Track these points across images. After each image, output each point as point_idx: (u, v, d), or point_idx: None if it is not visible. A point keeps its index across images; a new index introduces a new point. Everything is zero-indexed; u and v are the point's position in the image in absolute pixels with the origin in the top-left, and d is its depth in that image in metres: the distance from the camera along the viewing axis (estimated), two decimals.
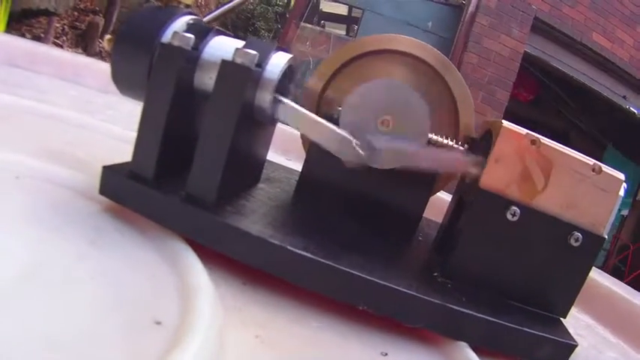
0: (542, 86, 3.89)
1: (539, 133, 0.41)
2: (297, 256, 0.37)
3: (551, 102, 4.02)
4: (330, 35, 3.98)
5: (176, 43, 0.38)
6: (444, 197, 0.60)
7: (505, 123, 0.40)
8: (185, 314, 0.30)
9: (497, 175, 0.40)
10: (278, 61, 0.40)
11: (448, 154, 0.45)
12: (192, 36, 0.38)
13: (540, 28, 3.36)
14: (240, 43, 0.41)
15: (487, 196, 0.40)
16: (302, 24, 3.88)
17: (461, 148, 0.48)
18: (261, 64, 0.39)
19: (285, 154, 0.87)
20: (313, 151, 0.51)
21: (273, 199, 0.48)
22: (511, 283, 0.43)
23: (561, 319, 0.43)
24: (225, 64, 0.37)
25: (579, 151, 0.41)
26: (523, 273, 0.42)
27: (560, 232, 0.41)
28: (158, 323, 0.30)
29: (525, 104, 3.96)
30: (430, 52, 0.52)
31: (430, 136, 0.47)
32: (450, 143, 0.48)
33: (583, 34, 3.37)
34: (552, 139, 0.41)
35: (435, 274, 0.43)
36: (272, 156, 0.57)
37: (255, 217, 0.41)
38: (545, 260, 0.42)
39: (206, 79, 0.40)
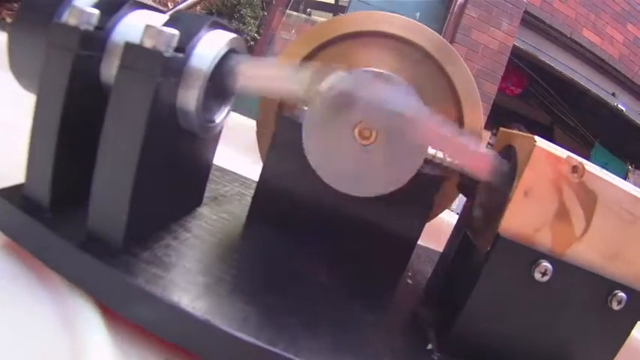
0: (530, 80, 3.82)
1: (525, 127, 0.29)
2: (231, 340, 0.25)
3: (539, 96, 3.96)
4: (315, 23, 3.83)
5: (72, 21, 0.26)
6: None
7: (538, 141, 0.28)
8: None
9: (524, 215, 0.28)
10: (211, 44, 0.28)
11: (469, 144, 0.32)
12: (95, 11, 0.26)
13: (530, 22, 3.28)
14: (163, 19, 0.28)
15: (508, 247, 0.28)
16: (288, 11, 3.73)
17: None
18: (184, 47, 0.26)
19: (249, 154, 0.72)
20: (273, 157, 0.38)
21: (214, 231, 0.35)
22: (528, 357, 0.31)
23: None
24: (129, 48, 0.25)
25: (565, 148, 0.30)
26: (544, 345, 0.31)
27: (598, 291, 0.30)
28: None
29: (512, 97, 3.90)
30: (427, 35, 0.39)
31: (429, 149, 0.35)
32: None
33: (573, 29, 3.30)
34: (539, 134, 0.30)
35: (430, 347, 0.31)
36: (231, 157, 0.44)
37: (180, 268, 0.28)
38: (574, 328, 0.31)
39: (115, 70, 0.27)
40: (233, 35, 0.30)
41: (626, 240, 0.29)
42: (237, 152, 0.64)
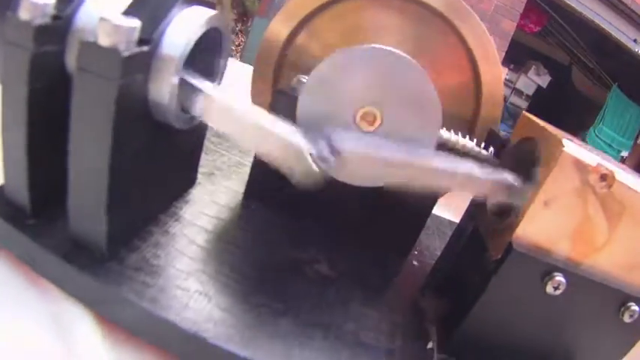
0: (550, 19, 3.62)
1: (542, 65, 0.26)
2: (220, 352, 0.24)
3: (558, 36, 3.78)
4: None
5: (25, 15, 0.22)
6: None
7: (567, 145, 0.25)
8: None
9: (542, 226, 0.26)
10: (183, 27, 0.24)
11: (469, 170, 0.29)
12: (49, 1, 0.22)
13: None
14: (124, 3, 0.24)
15: (521, 260, 0.26)
16: None
17: (492, 157, 0.32)
18: (149, 38, 0.23)
19: None
20: None
21: (207, 219, 0.33)
22: None
23: None
24: (84, 48, 0.21)
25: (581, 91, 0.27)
26: (550, 353, 0.30)
27: (610, 303, 0.28)
28: None
29: (531, 35, 3.72)
30: None
31: (440, 133, 0.32)
32: (474, 147, 0.33)
33: None
34: (556, 73, 0.27)
35: (430, 346, 0.30)
36: None
37: (169, 272, 0.27)
38: (582, 338, 0.29)
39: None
40: (210, 13, 0.26)
41: None
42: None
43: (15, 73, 0.22)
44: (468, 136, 0.33)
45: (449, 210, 0.51)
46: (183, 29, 0.24)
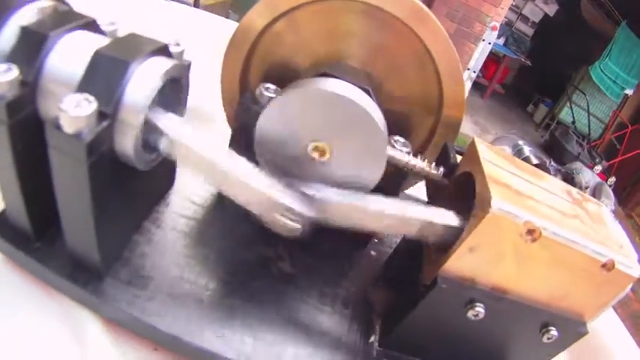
0: None
1: None
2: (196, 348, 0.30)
3: None
4: None
5: None
6: None
7: (494, 205, 0.28)
8: None
9: (467, 266, 0.30)
10: (140, 89, 0.26)
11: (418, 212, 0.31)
12: (13, 75, 0.24)
13: None
14: (79, 71, 0.25)
15: (445, 291, 0.30)
16: None
17: (440, 178, 0.36)
18: (107, 112, 0.25)
19: None
20: (234, 145, 0.38)
21: (184, 221, 0.38)
22: (460, 359, 0.36)
23: None
24: (51, 133, 0.24)
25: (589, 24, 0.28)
26: (478, 353, 0.35)
27: (533, 325, 0.33)
28: None
29: None
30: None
31: (391, 152, 0.35)
32: (424, 167, 0.36)
33: None
34: (563, 2, 0.28)
35: (372, 340, 0.36)
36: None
37: (153, 283, 0.33)
38: (504, 352, 0.35)
39: (53, 108, 0.25)
40: (167, 66, 0.27)
41: (575, 287, 0.31)
42: None
43: None
44: (419, 156, 0.36)
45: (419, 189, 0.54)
46: (140, 92, 0.26)
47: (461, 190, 0.33)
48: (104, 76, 0.25)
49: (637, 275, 0.30)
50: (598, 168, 2.92)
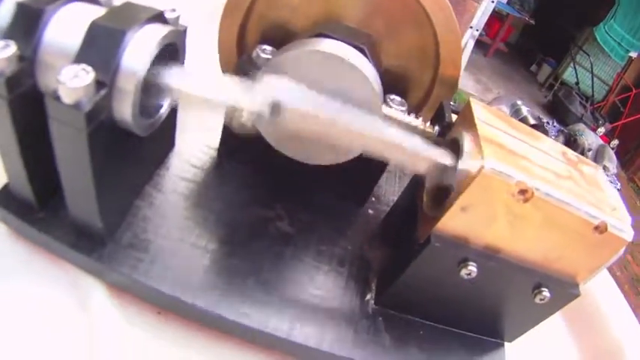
0: None
1: None
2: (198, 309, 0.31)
3: None
4: None
5: None
6: None
7: (487, 164, 0.29)
8: None
9: (459, 225, 0.31)
10: (137, 54, 0.26)
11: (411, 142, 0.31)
12: (11, 51, 0.24)
13: None
14: (76, 43, 0.25)
15: (438, 250, 0.31)
16: None
17: (435, 136, 0.36)
18: (105, 81, 0.25)
19: None
20: None
21: (185, 184, 0.38)
22: (454, 318, 0.38)
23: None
24: (50, 104, 0.24)
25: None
26: (470, 316, 0.37)
27: (526, 286, 0.33)
28: None
29: None
30: None
31: (387, 110, 0.35)
32: (419, 124, 0.36)
33: None
34: None
35: (368, 297, 0.37)
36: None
37: (156, 246, 0.33)
38: (496, 312, 0.37)
39: (52, 81, 0.25)
40: (163, 32, 0.27)
41: (568, 249, 0.31)
42: None
43: None
44: (414, 114, 0.36)
45: None
46: (136, 57, 0.26)
47: (455, 151, 0.33)
48: (101, 46, 0.25)
49: (629, 239, 0.31)
50: (601, 130, 2.91)
